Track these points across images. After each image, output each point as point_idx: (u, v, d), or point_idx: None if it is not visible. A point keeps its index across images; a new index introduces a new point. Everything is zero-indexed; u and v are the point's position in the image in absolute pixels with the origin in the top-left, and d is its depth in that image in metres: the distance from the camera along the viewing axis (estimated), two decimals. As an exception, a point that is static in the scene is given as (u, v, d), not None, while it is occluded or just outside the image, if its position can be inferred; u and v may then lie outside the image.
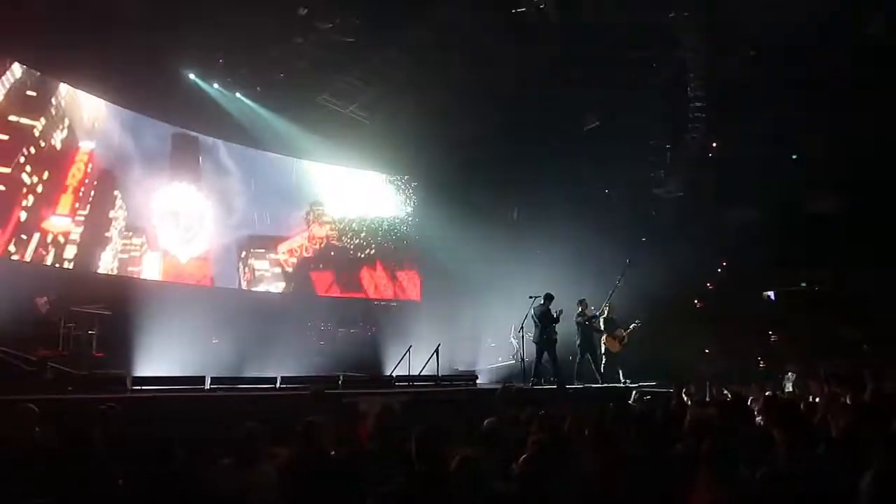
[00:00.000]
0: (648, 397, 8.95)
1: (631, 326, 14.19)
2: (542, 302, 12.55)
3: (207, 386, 8.98)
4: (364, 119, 16.47)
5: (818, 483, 3.25)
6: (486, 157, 16.47)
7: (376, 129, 16.33)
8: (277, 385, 9.78)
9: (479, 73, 15.25)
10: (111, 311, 12.44)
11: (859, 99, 16.10)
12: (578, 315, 13.68)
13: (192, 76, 15.07)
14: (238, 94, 15.73)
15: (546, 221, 16.19)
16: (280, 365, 12.34)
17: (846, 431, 4.55)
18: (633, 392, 9.48)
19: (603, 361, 13.88)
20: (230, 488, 3.92)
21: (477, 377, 12.99)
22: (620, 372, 13.76)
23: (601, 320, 14.20)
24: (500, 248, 15.80)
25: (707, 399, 8.33)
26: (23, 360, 8.91)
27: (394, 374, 12.07)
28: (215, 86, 15.46)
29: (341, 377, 10.55)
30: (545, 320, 12.42)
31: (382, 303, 17.31)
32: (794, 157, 20.63)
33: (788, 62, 16.61)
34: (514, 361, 13.91)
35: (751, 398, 7.46)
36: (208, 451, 4.65)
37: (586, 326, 13.64)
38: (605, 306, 14.40)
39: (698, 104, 17.92)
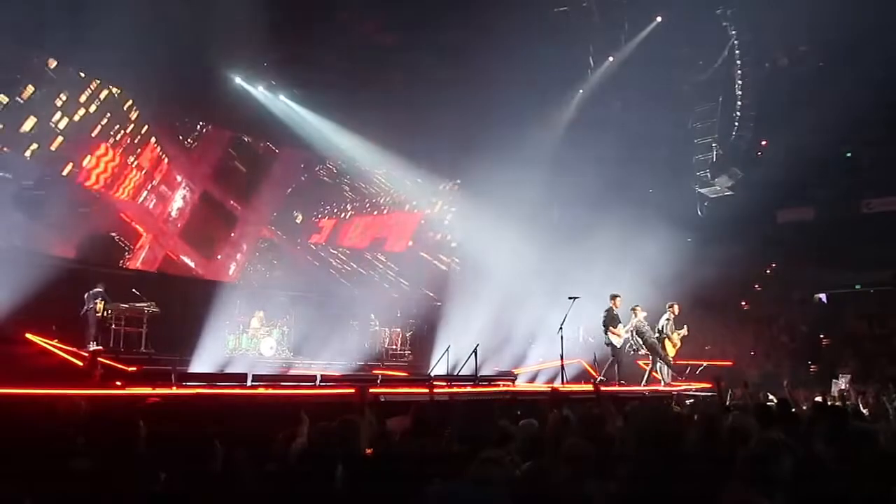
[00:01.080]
0: (691, 401, 8.77)
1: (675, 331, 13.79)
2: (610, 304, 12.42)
3: (249, 383, 9.16)
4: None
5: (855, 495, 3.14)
6: (528, 158, 16.38)
7: (417, 129, 16.42)
8: (318, 382, 9.90)
9: (522, 74, 15.16)
10: (160, 308, 12.86)
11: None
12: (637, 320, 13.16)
13: (237, 79, 15.50)
14: (281, 97, 16.09)
15: (588, 221, 16.01)
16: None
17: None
18: (675, 395, 9.29)
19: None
20: (267, 489, 3.98)
21: (516, 377, 12.94)
22: (665, 373, 13.46)
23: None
24: (540, 249, 15.71)
25: (751, 404, 8.10)
26: (74, 356, 9.24)
27: (432, 374, 12.14)
28: (260, 88, 15.83)
29: (380, 377, 10.63)
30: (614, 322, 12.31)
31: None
32: (848, 154, 20.07)
33: (841, 59, 16.16)
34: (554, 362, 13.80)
35: (798, 403, 7.25)
36: (247, 448, 4.74)
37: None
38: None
39: (747, 102, 17.50)
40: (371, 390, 8.40)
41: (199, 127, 16.22)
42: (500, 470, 3.35)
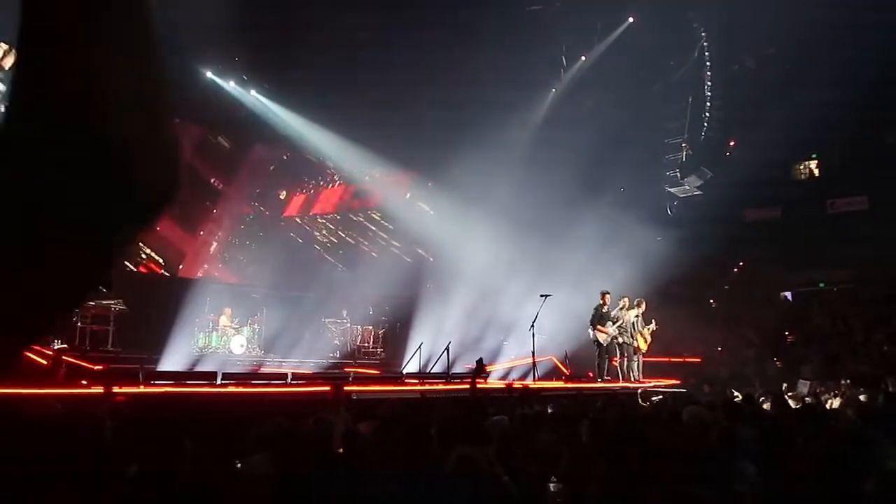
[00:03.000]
0: (657, 398, 8.89)
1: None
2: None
3: (219, 381, 9.07)
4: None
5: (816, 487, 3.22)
6: (502, 155, 16.44)
7: (393, 127, 16.38)
8: (288, 381, 9.84)
9: (496, 72, 15.24)
10: (127, 306, 12.65)
11: (879, 96, 15.99)
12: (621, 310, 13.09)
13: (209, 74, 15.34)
14: (253, 92, 15.94)
15: (562, 220, 16.13)
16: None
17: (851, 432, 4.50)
18: (639, 391, 9.41)
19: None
20: (229, 486, 3.95)
21: (488, 375, 12.98)
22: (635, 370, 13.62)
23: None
24: (514, 247, 15.79)
25: (717, 399, 8.26)
26: (37, 355, 9.05)
27: (404, 371, 12.15)
28: (231, 84, 15.68)
29: (352, 374, 10.61)
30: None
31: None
32: (813, 155, 20.58)
33: (806, 62, 16.53)
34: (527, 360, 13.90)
35: (761, 399, 7.40)
36: (217, 447, 4.70)
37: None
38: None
39: (715, 102, 17.84)
40: (344, 388, 8.39)
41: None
42: (476, 468, 3.37)
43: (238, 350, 14.17)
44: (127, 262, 15.09)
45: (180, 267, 16.00)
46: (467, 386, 10.87)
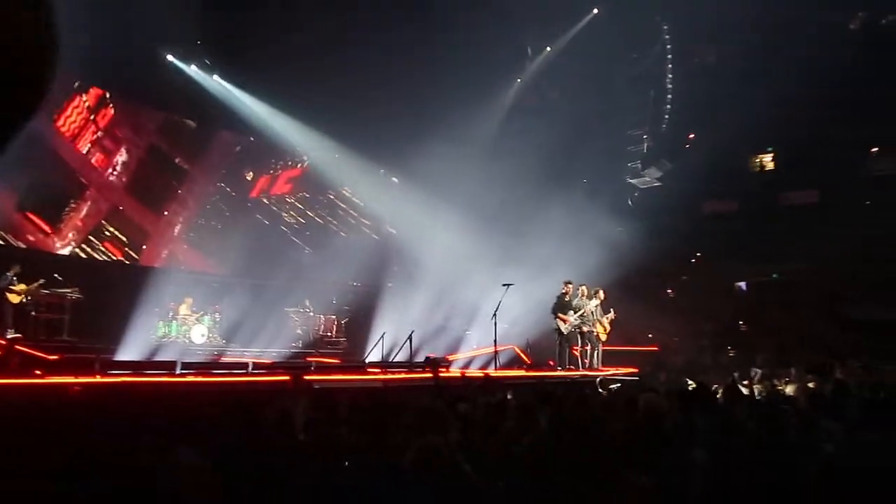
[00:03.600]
0: (616, 385, 9.07)
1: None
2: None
3: (178, 371, 8.94)
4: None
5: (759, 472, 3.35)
6: (467, 145, 16.46)
7: (359, 119, 16.28)
8: (249, 370, 9.76)
9: (462, 61, 15.21)
10: (83, 294, 12.38)
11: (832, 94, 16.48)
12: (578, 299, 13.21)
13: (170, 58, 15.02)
14: (216, 77, 15.66)
15: (525, 210, 16.27)
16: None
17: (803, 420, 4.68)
18: (598, 380, 9.57)
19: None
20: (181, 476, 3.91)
21: (450, 364, 13.07)
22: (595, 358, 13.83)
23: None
24: (477, 236, 15.86)
25: (672, 387, 8.46)
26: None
27: (366, 360, 12.15)
28: (193, 67, 15.40)
29: (314, 364, 10.56)
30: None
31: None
32: (769, 149, 21.11)
33: (764, 58, 16.92)
34: (489, 349, 14.03)
35: (715, 387, 7.62)
36: (175, 438, 4.65)
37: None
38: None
39: (675, 96, 18.16)
40: (305, 377, 8.36)
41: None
42: (437, 457, 3.40)
43: (198, 339, 13.99)
44: (86, 246, 14.77)
45: (143, 248, 15.67)
46: (430, 375, 10.93)
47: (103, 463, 3.86)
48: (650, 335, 17.10)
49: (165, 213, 16.42)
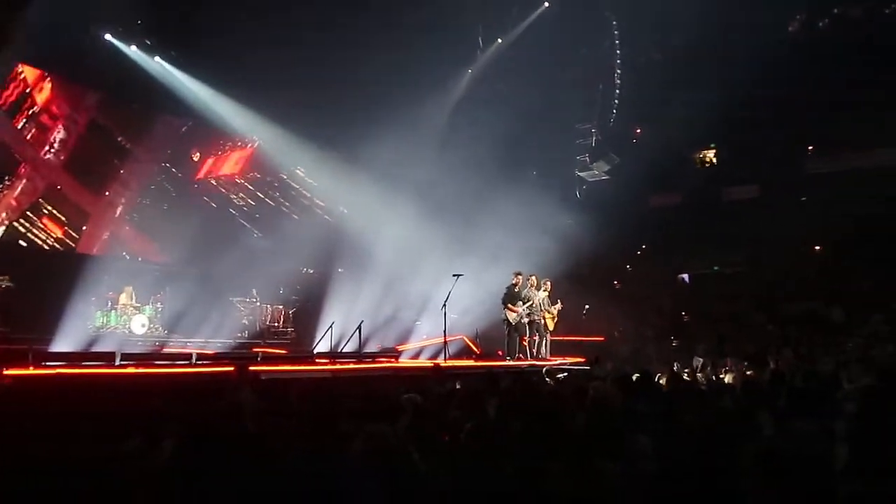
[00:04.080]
0: (563, 375, 9.22)
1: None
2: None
3: (118, 362, 8.67)
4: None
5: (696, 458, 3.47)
6: (416, 135, 16.40)
7: (303, 102, 16.00)
8: (193, 361, 9.54)
9: (413, 51, 15.13)
10: (15, 283, 11.89)
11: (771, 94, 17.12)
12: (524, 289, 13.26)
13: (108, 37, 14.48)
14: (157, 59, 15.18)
15: (475, 201, 16.32)
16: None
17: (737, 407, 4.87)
18: (545, 369, 9.72)
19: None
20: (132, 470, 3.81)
21: (400, 354, 13.09)
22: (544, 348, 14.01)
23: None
24: (427, 226, 15.86)
25: (617, 376, 8.65)
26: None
27: (315, 351, 12.04)
28: (133, 48, 14.88)
29: (260, 354, 10.41)
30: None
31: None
32: (711, 145, 21.75)
33: (707, 55, 17.40)
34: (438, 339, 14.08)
35: (658, 375, 7.83)
36: (116, 431, 4.52)
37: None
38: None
39: (623, 91, 18.51)
40: (251, 368, 8.24)
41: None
42: (385, 445, 3.40)
43: (139, 330, 13.63)
44: (23, 225, 14.18)
45: (83, 229, 15.11)
46: (380, 365, 10.93)
47: (37, 457, 3.72)
48: (597, 326, 17.43)
49: (107, 193, 15.87)
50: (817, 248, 19.42)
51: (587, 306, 13.53)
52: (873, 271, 16.64)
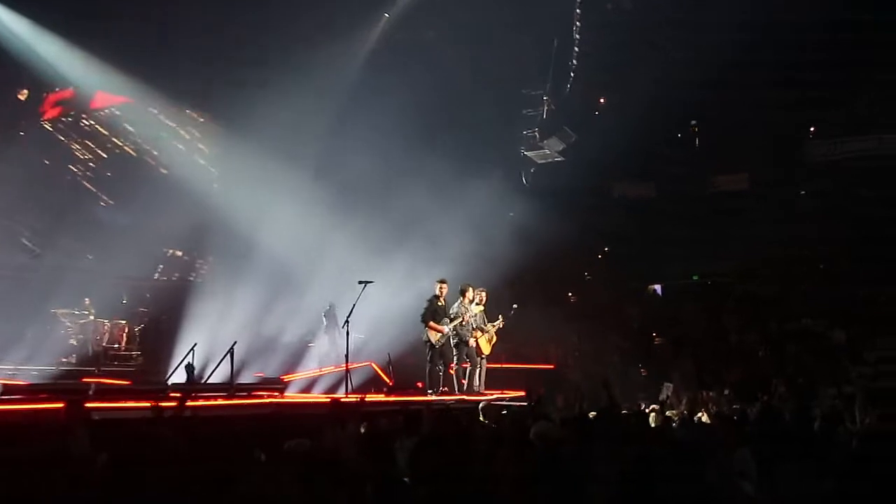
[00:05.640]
0: (505, 412, 9.31)
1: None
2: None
3: None
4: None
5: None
6: (313, 96, 16.24)
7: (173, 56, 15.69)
8: (-1, 395, 9.16)
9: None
10: None
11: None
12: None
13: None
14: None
15: (389, 184, 16.27)
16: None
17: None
18: (480, 406, 9.77)
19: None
20: None
21: (286, 387, 12.88)
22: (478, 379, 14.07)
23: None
24: (323, 218, 15.72)
25: (569, 414, 8.80)
26: None
27: (169, 382, 11.73)
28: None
29: (93, 386, 10.06)
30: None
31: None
32: (692, 122, 22.22)
33: (688, 5, 17.89)
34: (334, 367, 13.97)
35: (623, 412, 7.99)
36: None
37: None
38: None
39: (585, 49, 18.72)
40: (85, 405, 7.97)
41: None
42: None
43: None
44: None
45: None
46: (258, 401, 10.76)
47: None
48: (546, 350, 17.68)
49: None
50: (818, 251, 20.03)
51: (514, 306, 13.58)
52: (884, 281, 17.26)
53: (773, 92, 18.41)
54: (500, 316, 13.35)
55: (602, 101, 20.90)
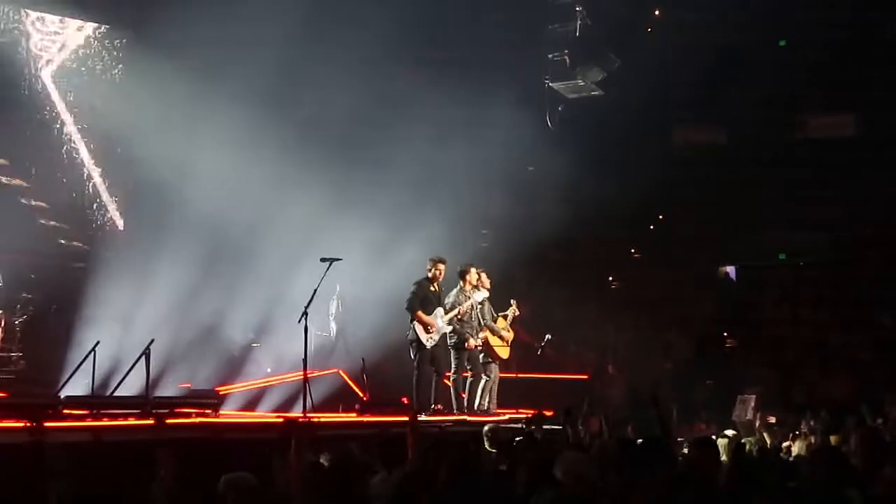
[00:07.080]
0: (518, 439, 9.28)
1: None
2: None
3: None
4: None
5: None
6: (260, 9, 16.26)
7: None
8: None
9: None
10: None
11: None
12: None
13: None
14: None
15: (362, 126, 16.27)
16: None
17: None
18: (486, 429, 9.77)
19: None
20: None
21: (222, 401, 12.90)
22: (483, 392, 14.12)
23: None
24: (275, 170, 15.71)
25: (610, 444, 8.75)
26: None
27: (63, 395, 11.73)
28: None
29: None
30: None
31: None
32: (781, 43, 22.17)
33: None
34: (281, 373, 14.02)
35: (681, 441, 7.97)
36: None
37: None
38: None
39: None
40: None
41: None
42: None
43: None
44: None
45: None
46: (185, 421, 10.77)
47: None
48: (578, 353, 17.71)
49: None
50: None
51: (548, 337, 13.57)
52: None
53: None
54: (511, 302, 13.29)
55: (657, 12, 20.78)
